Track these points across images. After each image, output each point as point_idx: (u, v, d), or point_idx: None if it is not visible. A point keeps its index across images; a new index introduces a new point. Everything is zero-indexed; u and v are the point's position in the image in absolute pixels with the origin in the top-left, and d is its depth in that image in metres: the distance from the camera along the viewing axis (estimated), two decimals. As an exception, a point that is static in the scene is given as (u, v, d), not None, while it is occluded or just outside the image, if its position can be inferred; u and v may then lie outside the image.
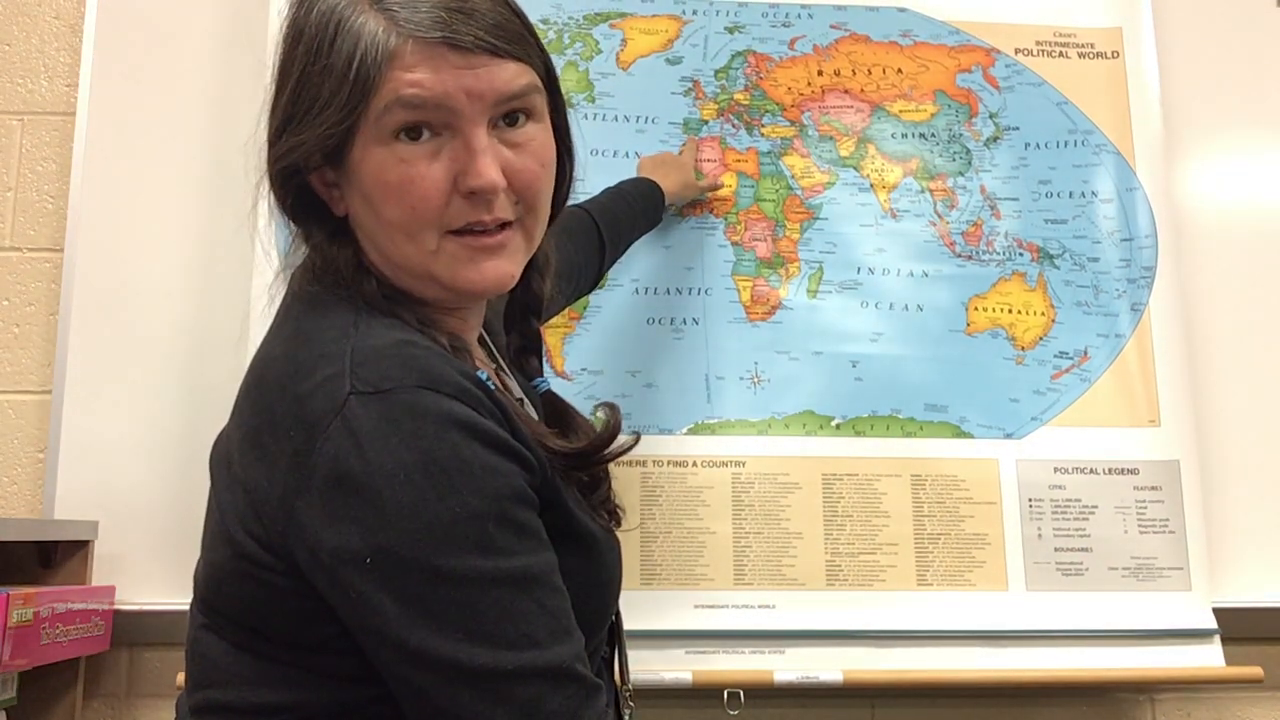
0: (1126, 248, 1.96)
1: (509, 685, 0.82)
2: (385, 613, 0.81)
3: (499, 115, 0.92)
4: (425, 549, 0.81)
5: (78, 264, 1.86)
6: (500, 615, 0.82)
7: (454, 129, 0.90)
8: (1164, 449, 1.89)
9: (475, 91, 0.89)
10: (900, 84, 2.01)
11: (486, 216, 0.91)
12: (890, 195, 1.96)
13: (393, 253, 0.94)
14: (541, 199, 0.97)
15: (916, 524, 1.84)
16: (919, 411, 1.89)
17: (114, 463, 1.79)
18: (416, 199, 0.89)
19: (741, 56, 2.00)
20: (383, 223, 0.92)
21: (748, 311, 1.90)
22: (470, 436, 0.83)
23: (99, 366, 1.82)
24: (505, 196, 0.92)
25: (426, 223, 0.91)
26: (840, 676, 1.76)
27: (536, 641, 0.83)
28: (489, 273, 0.93)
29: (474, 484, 0.82)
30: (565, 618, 0.87)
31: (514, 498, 0.85)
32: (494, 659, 0.81)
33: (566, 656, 0.85)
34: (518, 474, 0.86)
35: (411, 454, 0.81)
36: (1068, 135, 2.00)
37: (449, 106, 0.88)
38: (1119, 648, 1.81)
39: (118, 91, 1.91)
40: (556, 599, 0.87)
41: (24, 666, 1.55)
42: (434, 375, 0.85)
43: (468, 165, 0.89)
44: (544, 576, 0.86)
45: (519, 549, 0.84)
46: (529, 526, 0.86)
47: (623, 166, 1.92)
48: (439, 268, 0.93)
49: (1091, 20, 2.06)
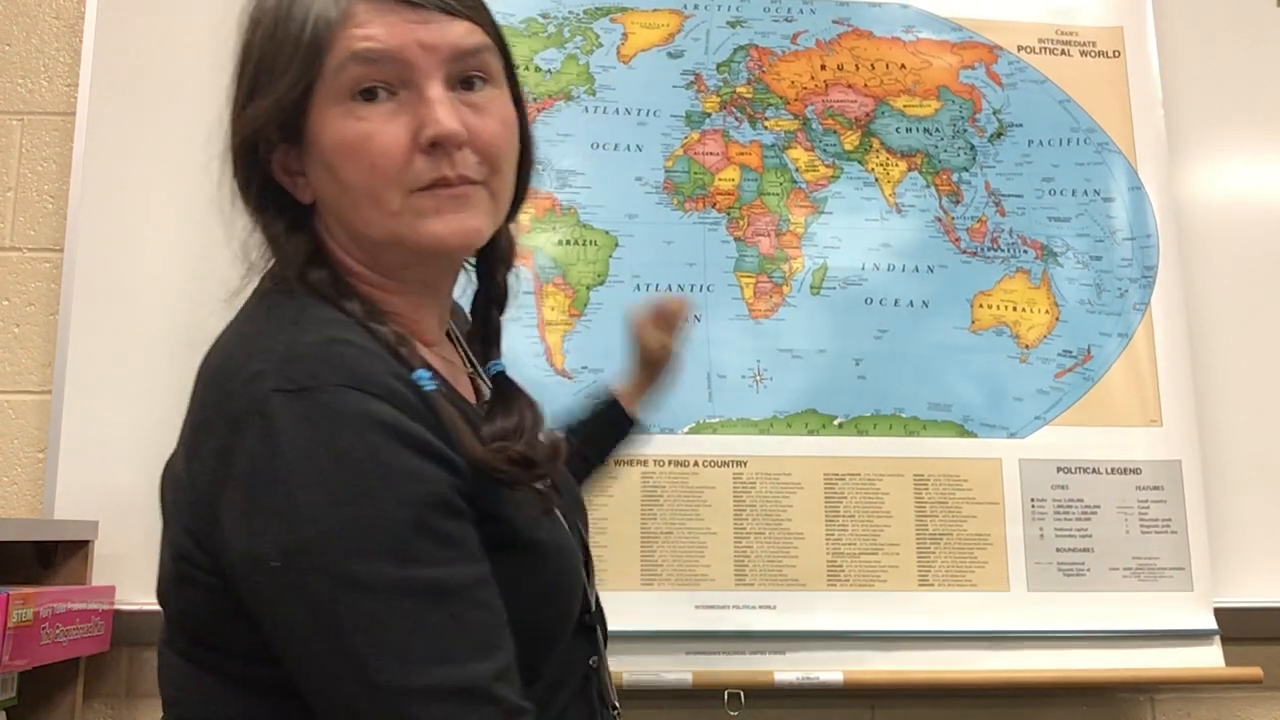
0: (1129, 246, 1.95)
1: (415, 703, 0.77)
2: (293, 618, 0.79)
3: (456, 76, 0.90)
4: (335, 554, 0.78)
5: (78, 264, 1.85)
6: (411, 628, 0.78)
7: (410, 85, 0.88)
8: (1166, 449, 1.89)
9: (428, 44, 0.88)
10: (904, 79, 2.00)
11: (450, 173, 0.88)
12: (895, 190, 1.96)
13: (357, 222, 0.91)
14: (505, 160, 0.94)
15: (919, 524, 1.84)
16: (922, 410, 1.88)
17: (114, 463, 1.79)
18: (376, 155, 0.87)
19: (744, 50, 1.99)
20: (345, 189, 0.89)
21: (750, 309, 1.90)
22: (392, 439, 0.80)
23: (99, 366, 1.82)
24: (469, 155, 0.90)
25: (388, 181, 0.88)
26: (840, 677, 1.76)
27: (450, 657, 0.79)
28: (454, 224, 0.90)
29: (391, 488, 0.79)
30: (488, 633, 0.82)
31: (435, 504, 0.81)
32: (400, 674, 0.77)
33: (483, 675, 0.79)
34: (443, 480, 0.82)
35: (328, 455, 0.79)
36: (1070, 133, 1.99)
37: (403, 59, 0.87)
38: (1120, 648, 1.81)
39: (118, 91, 1.90)
40: (479, 614, 0.82)
41: (24, 666, 1.55)
42: (360, 374, 0.82)
43: (426, 116, 0.87)
44: (464, 589, 0.81)
45: (437, 558, 0.80)
46: (451, 536, 0.82)
47: (624, 160, 1.91)
48: (404, 227, 0.89)
49: (1093, 19, 2.05)
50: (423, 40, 0.88)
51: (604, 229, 1.89)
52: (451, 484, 0.83)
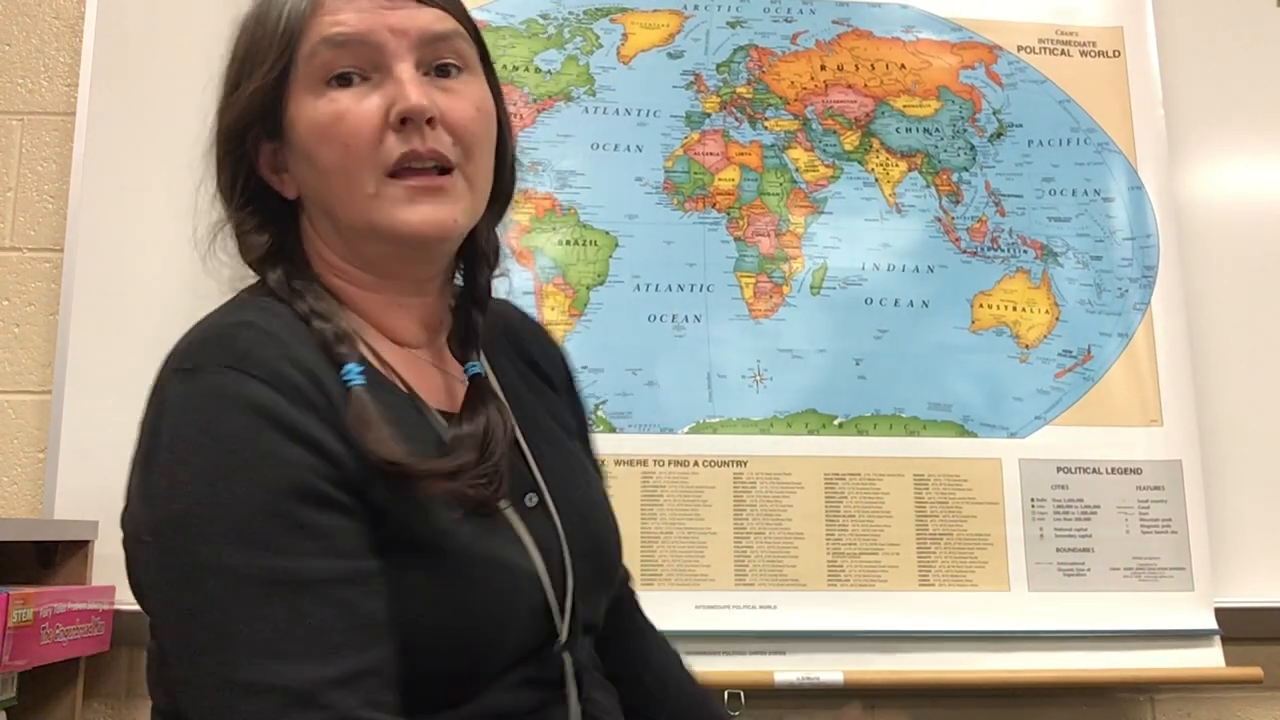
0: (1129, 246, 1.95)
1: (238, 695, 0.75)
2: (157, 592, 0.80)
3: (429, 61, 0.92)
4: (190, 533, 0.77)
5: (78, 264, 1.85)
6: (247, 616, 0.76)
7: (382, 69, 0.90)
8: (1166, 449, 1.89)
9: (398, 28, 0.90)
10: (903, 79, 2.00)
11: (421, 147, 0.89)
12: (895, 190, 1.96)
13: (335, 208, 0.92)
14: (480, 144, 0.94)
15: (919, 524, 1.84)
16: (922, 410, 1.88)
17: (114, 463, 1.75)
18: (348, 134, 0.88)
19: (744, 51, 1.99)
20: (321, 174, 0.91)
21: (750, 309, 1.90)
22: (265, 422, 0.79)
23: (99, 366, 1.81)
24: (443, 134, 0.91)
25: (362, 160, 0.89)
26: (841, 677, 1.76)
27: (279, 654, 0.75)
28: (428, 215, 0.90)
29: (251, 472, 0.78)
30: (334, 635, 0.77)
31: (296, 492, 0.79)
32: (228, 664, 0.75)
33: (313, 678, 0.75)
34: (311, 469, 0.80)
35: (199, 434, 0.79)
36: (1070, 133, 1.99)
37: (373, 42, 0.89)
38: (1119, 648, 1.81)
39: (118, 91, 1.90)
40: (327, 612, 0.78)
41: (24, 666, 1.54)
42: (246, 356, 0.82)
43: (395, 93, 0.89)
44: (315, 584, 0.78)
45: (287, 548, 0.78)
46: (311, 526, 0.79)
47: (624, 160, 1.92)
48: (377, 214, 0.89)
49: (1093, 19, 2.05)
50: (392, 24, 0.90)
51: (604, 229, 1.89)
52: (323, 473, 0.81)
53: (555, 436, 1.06)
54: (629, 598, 1.22)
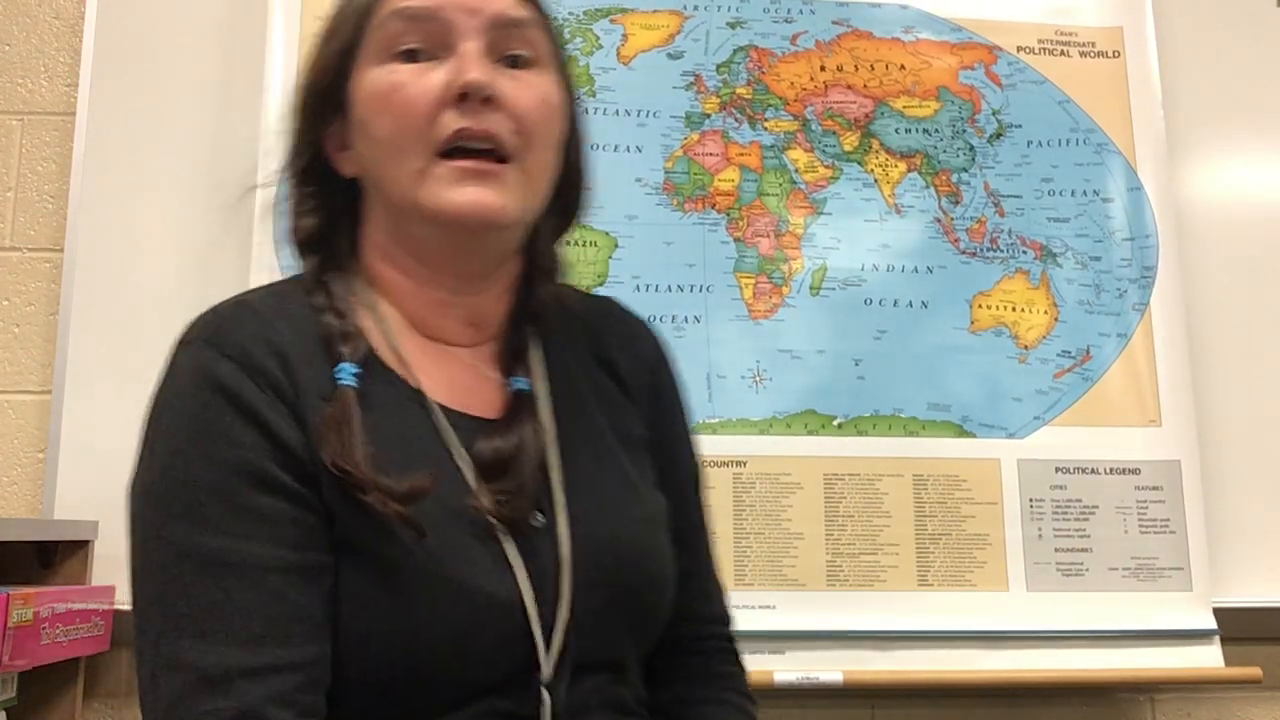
0: (1128, 247, 1.95)
1: (159, 669, 0.77)
2: (130, 557, 0.82)
3: (500, 47, 0.90)
4: (149, 502, 0.81)
5: (78, 264, 1.85)
6: (180, 592, 0.77)
7: (449, 48, 0.89)
8: (1165, 449, 1.89)
9: (471, 7, 0.89)
10: (903, 80, 2.00)
11: (476, 126, 0.87)
12: (894, 190, 1.96)
13: (384, 181, 0.91)
14: (542, 136, 0.92)
15: (918, 524, 1.84)
16: (921, 410, 1.88)
17: (114, 463, 1.75)
18: (403, 105, 0.88)
19: (744, 51, 1.99)
20: (374, 144, 0.90)
21: (750, 309, 1.90)
22: (224, 401, 0.81)
23: (99, 366, 1.81)
24: (502, 118, 0.88)
25: (414, 134, 0.87)
26: (840, 677, 1.76)
27: (202, 633, 0.76)
28: (474, 197, 0.87)
29: (204, 449, 0.80)
30: (257, 623, 0.77)
31: (244, 473, 0.80)
32: (156, 636, 0.77)
33: (228, 665, 0.75)
34: (261, 450, 0.80)
35: (168, 409, 0.83)
36: (1070, 134, 1.99)
37: (443, 19, 0.88)
38: (1119, 648, 1.81)
39: (118, 91, 1.90)
40: (258, 597, 0.78)
41: (24, 666, 1.54)
42: (222, 334, 0.84)
43: (456, 69, 0.88)
44: (250, 568, 0.78)
45: (226, 529, 0.78)
46: (254, 510, 0.79)
47: (624, 161, 1.91)
48: (423, 191, 0.88)
49: (1092, 19, 2.05)
50: (465, 4, 0.89)
51: (604, 230, 1.89)
52: (276, 459, 0.81)
53: (606, 451, 0.99)
54: (704, 655, 1.08)
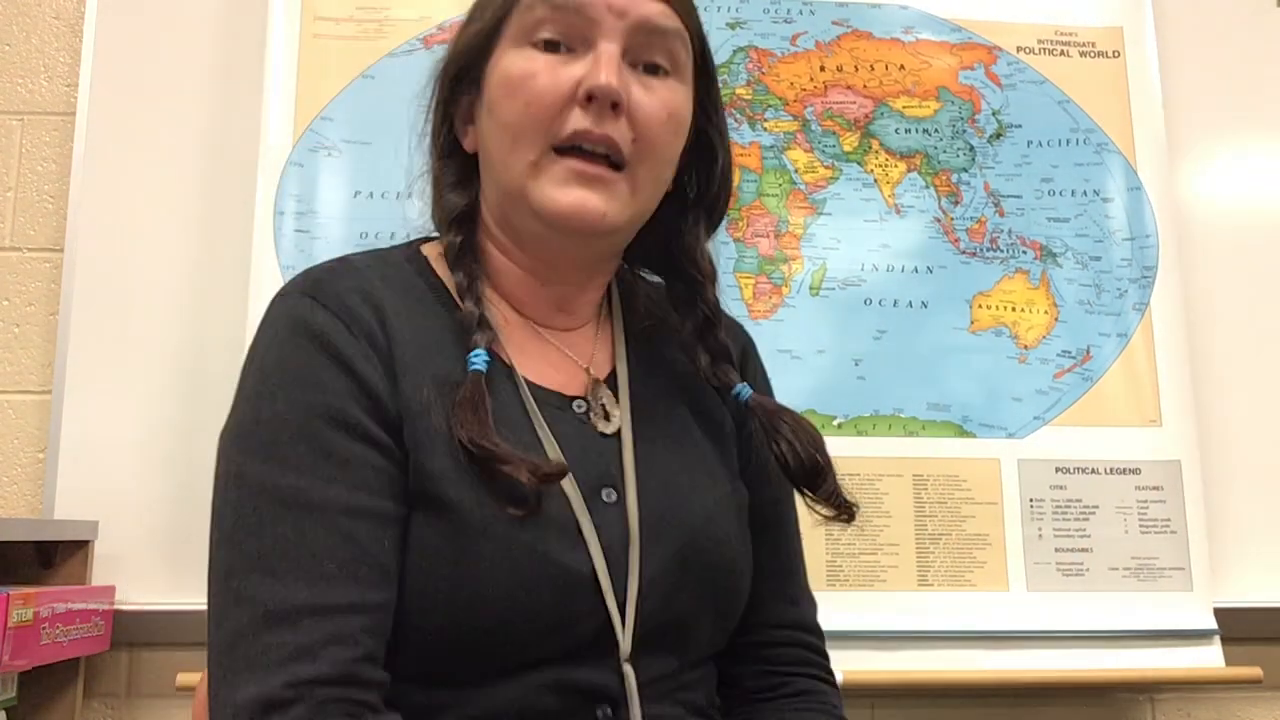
0: (1128, 247, 1.95)
1: (229, 601, 0.78)
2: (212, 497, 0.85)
3: (639, 53, 0.91)
4: (235, 440, 0.84)
5: (78, 264, 1.85)
6: (255, 528, 0.79)
7: (589, 44, 0.89)
8: (1165, 449, 1.89)
9: (618, 8, 0.89)
10: (903, 80, 2.00)
11: (596, 129, 0.88)
12: (894, 190, 1.96)
13: (498, 165, 0.92)
14: (660, 148, 0.93)
15: (918, 524, 1.84)
16: (921, 411, 1.88)
17: (114, 463, 1.79)
18: (532, 94, 0.89)
19: (743, 52, 1.99)
20: (497, 126, 0.91)
21: (749, 309, 1.90)
22: (316, 346, 0.84)
23: (99, 366, 1.81)
24: (625, 125, 0.89)
25: (536, 125, 0.89)
26: (840, 677, 1.74)
27: (272, 570, 0.78)
28: (579, 199, 0.88)
29: (289, 390, 0.83)
30: (329, 563, 0.79)
31: (327, 416, 0.82)
32: (229, 569, 0.79)
33: (295, 602, 0.77)
34: (351, 398, 0.83)
35: (261, 351, 0.86)
36: (1070, 134, 1.99)
37: (588, 16, 0.89)
38: (1119, 648, 1.81)
39: (118, 91, 1.90)
40: (331, 540, 0.79)
41: (24, 666, 1.55)
42: (320, 286, 0.88)
43: (591, 70, 0.88)
44: (325, 508, 0.80)
45: (306, 469, 0.80)
46: (334, 451, 0.81)
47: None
48: (532, 184, 0.89)
49: (1092, 19, 2.05)
50: (614, 3, 0.89)
51: (604, 229, 1.88)
52: (359, 403, 0.83)
53: (685, 437, 1.01)
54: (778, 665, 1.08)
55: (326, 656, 0.76)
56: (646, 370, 1.02)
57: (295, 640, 0.76)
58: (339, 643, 0.77)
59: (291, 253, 1.79)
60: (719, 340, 1.03)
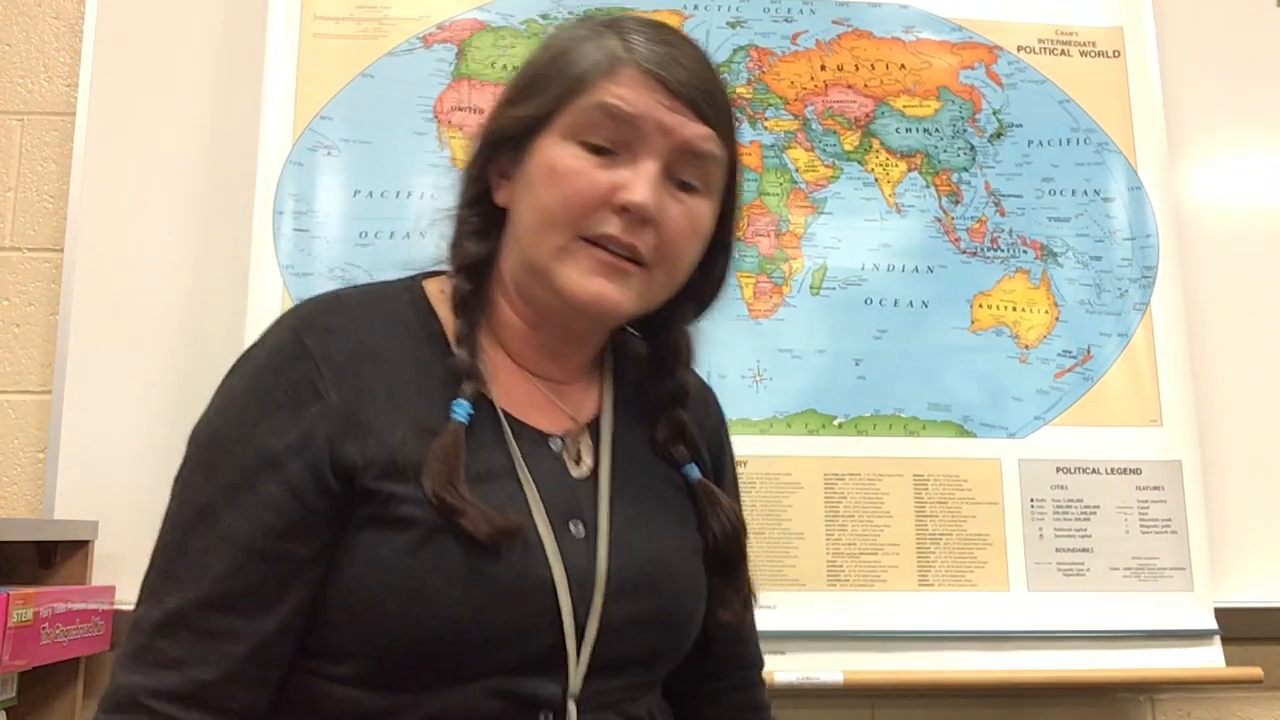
0: (1129, 247, 1.95)
1: (145, 594, 0.86)
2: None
3: (676, 170, 0.95)
4: (192, 438, 0.90)
5: (78, 264, 1.86)
6: (178, 530, 0.87)
7: (633, 153, 0.93)
8: (1166, 449, 1.89)
9: (667, 126, 0.93)
10: (903, 79, 2.00)
11: (624, 236, 0.92)
12: (895, 190, 1.96)
13: (526, 239, 0.96)
14: (680, 257, 0.97)
15: (918, 524, 1.84)
16: (922, 410, 1.88)
17: (114, 463, 1.79)
18: (572, 191, 0.92)
19: (744, 51, 1.99)
20: (533, 206, 0.95)
21: (750, 309, 1.90)
22: (282, 387, 0.88)
23: (99, 366, 1.82)
24: (650, 235, 0.94)
25: (570, 216, 0.92)
26: (840, 677, 1.76)
27: (175, 577, 0.85)
28: (601, 290, 0.93)
29: (243, 419, 0.88)
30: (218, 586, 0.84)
31: (265, 455, 0.87)
32: (152, 563, 0.87)
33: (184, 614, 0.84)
34: (294, 446, 0.87)
35: (238, 371, 0.92)
36: (1070, 133, 1.99)
37: (639, 128, 0.93)
38: (1119, 648, 1.81)
39: (118, 91, 1.90)
40: (227, 567, 0.85)
41: (24, 666, 1.55)
42: (310, 320, 0.93)
43: (630, 182, 0.92)
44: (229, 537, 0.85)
45: (227, 495, 0.86)
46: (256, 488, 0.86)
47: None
48: (557, 266, 0.93)
49: (1093, 19, 2.05)
50: (664, 122, 0.93)
51: (604, 229, 1.88)
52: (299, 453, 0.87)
53: (655, 486, 1.05)
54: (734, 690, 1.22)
55: (186, 673, 0.83)
56: (630, 422, 1.07)
57: (170, 651, 0.83)
58: (202, 663, 0.83)
59: (290, 251, 1.79)
60: (677, 417, 1.08)
